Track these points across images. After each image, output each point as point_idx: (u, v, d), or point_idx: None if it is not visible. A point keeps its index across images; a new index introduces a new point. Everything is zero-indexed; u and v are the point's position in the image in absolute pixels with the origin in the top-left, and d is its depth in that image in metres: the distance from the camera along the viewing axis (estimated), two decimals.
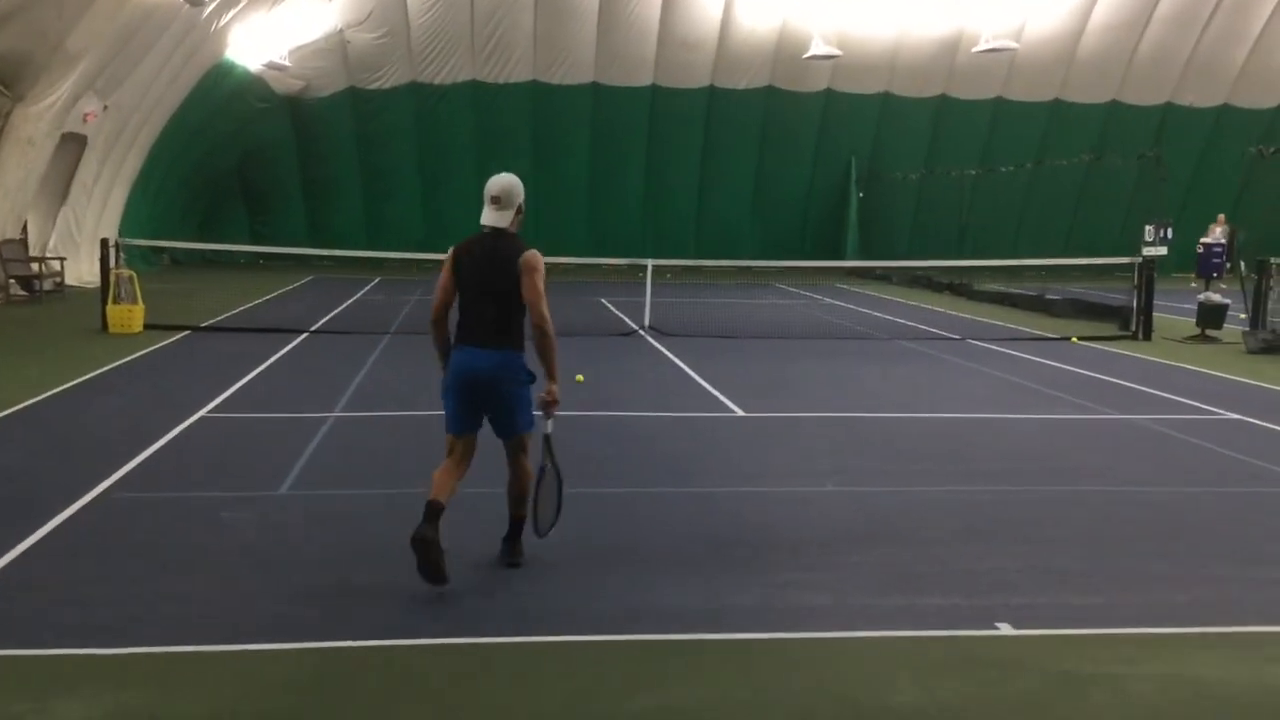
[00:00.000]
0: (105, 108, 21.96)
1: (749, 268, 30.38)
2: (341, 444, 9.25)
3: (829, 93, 34.58)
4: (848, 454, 9.34)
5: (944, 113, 35.42)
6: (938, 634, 5.33)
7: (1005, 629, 5.40)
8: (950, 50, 33.63)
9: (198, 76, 26.04)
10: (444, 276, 6.02)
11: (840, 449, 9.53)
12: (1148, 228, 19.59)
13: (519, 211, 6.01)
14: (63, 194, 22.52)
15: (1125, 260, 19.48)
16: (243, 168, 32.83)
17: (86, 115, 21.23)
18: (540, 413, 6.00)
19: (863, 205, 35.55)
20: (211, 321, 17.42)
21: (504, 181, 5.98)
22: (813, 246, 35.57)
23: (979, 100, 35.20)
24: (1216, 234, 26.66)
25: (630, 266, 23.12)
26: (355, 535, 6.70)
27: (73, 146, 21.83)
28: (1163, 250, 19.47)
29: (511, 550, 6.19)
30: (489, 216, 5.94)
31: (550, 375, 5.93)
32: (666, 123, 34.12)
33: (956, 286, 27.23)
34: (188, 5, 20.10)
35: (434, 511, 5.63)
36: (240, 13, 24.78)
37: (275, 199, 33.42)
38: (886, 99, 34.99)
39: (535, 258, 5.85)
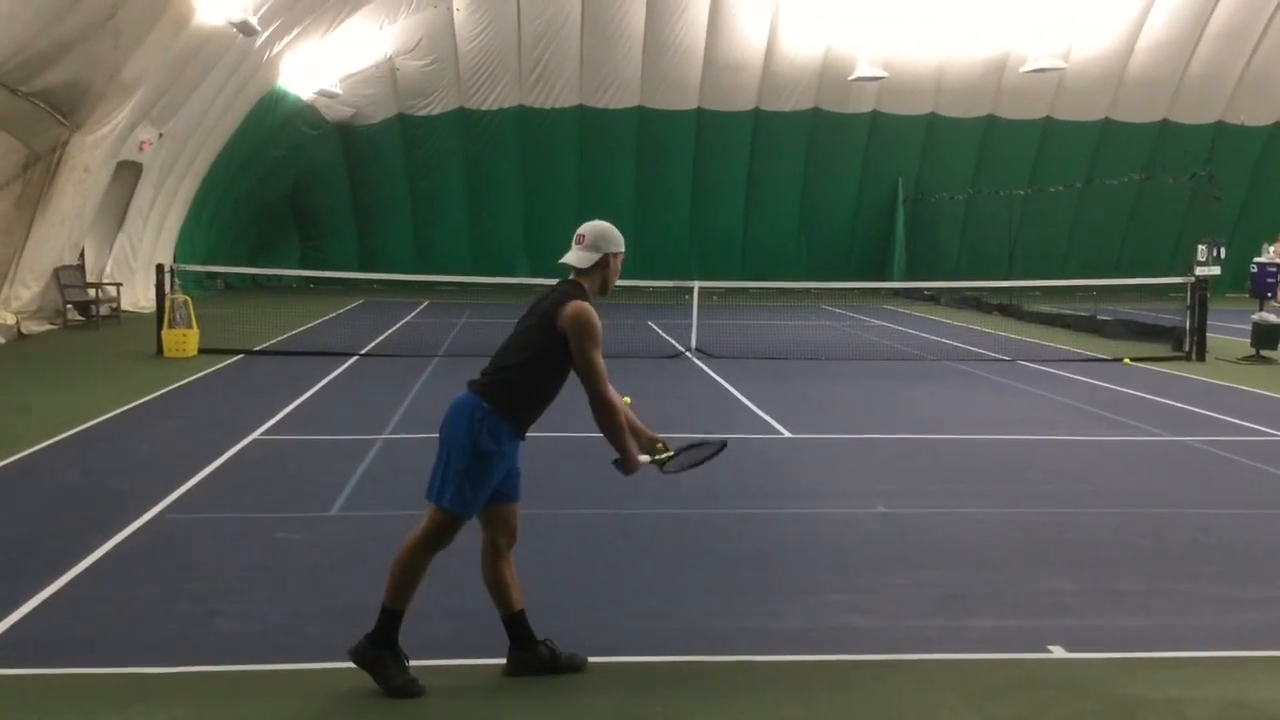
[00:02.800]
0: (160, 136, 22.36)
1: (795, 289, 30.31)
2: (391, 465, 9.32)
3: (875, 114, 34.53)
4: (897, 475, 9.28)
5: (991, 133, 35.24)
6: (989, 657, 5.29)
7: (1059, 652, 5.34)
8: (997, 71, 33.48)
9: (251, 104, 26.47)
10: None
11: (889, 470, 9.47)
12: (1200, 247, 19.35)
13: (606, 264, 5.00)
14: (119, 221, 22.94)
15: (1178, 280, 19.24)
16: (294, 194, 33.32)
17: (142, 143, 21.63)
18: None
19: (910, 225, 35.42)
20: (264, 345, 17.64)
21: (592, 224, 5.04)
22: (859, 267, 35.47)
23: (1027, 120, 34.98)
24: (1271, 253, 26.31)
25: (676, 289, 23.15)
26: None
27: (129, 174, 22.24)
28: (1216, 270, 19.22)
29: (360, 645, 4.86)
30: (568, 255, 5.02)
31: (623, 457, 4.87)
32: (712, 145, 34.22)
33: (1006, 307, 27.02)
34: (241, 34, 20.43)
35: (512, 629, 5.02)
36: (292, 41, 25.17)
37: (326, 224, 33.87)
38: (933, 120, 34.88)
39: (576, 310, 4.77)
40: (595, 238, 4.97)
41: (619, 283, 5.18)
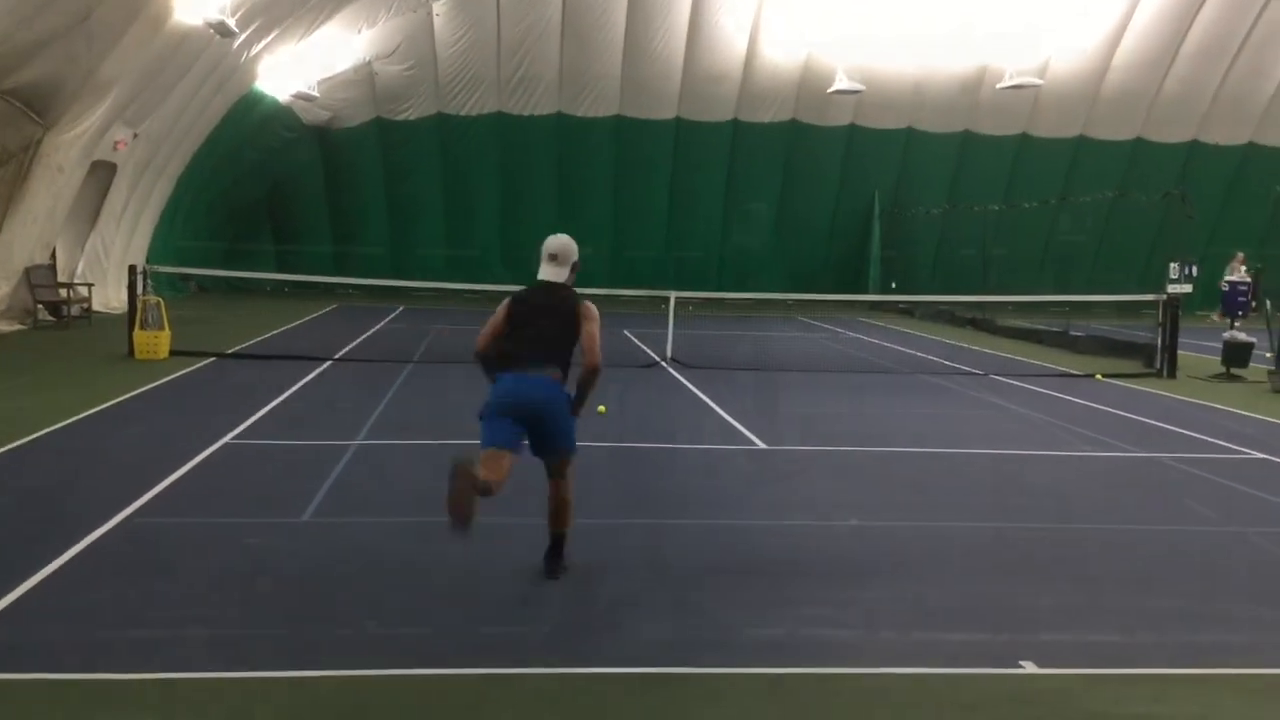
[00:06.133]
0: (135, 136, 22.21)
1: (771, 300, 30.36)
2: (364, 472, 9.28)
3: (852, 127, 34.65)
4: (870, 488, 9.30)
5: (968, 148, 35.43)
6: (961, 671, 5.30)
7: (1030, 667, 5.36)
8: (974, 86, 33.68)
9: (227, 106, 26.32)
10: (499, 318, 6.50)
11: (863, 483, 9.50)
12: (1172, 265, 19.52)
13: (574, 269, 6.57)
14: (92, 221, 22.74)
15: (1150, 297, 19.39)
16: (270, 196, 33.12)
17: (117, 143, 21.47)
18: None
19: (885, 238, 35.58)
20: (237, 348, 17.52)
21: (561, 241, 6.52)
22: (835, 279, 35.57)
23: (1003, 136, 35.20)
24: (1240, 273, 26.68)
25: (652, 298, 23.16)
26: (377, 562, 6.71)
27: (102, 174, 22.07)
28: (1188, 288, 19.38)
29: (551, 567, 6.46)
30: (546, 272, 6.49)
31: (578, 405, 6.42)
32: (690, 156, 34.24)
33: (979, 321, 27.16)
34: (218, 35, 20.33)
35: (486, 488, 5.92)
36: (270, 44, 25.05)
37: (301, 227, 33.65)
38: (910, 134, 35.04)
39: (591, 309, 6.45)
40: (565, 253, 6.53)
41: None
